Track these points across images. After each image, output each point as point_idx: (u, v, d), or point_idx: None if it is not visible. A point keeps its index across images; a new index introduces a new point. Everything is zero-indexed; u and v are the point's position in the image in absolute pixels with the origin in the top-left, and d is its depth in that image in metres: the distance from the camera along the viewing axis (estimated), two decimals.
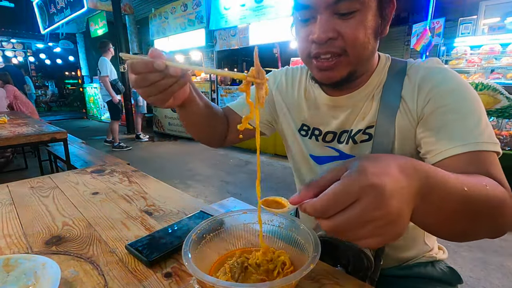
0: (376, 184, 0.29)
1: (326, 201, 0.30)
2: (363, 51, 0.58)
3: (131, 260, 0.53)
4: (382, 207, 0.29)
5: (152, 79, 0.48)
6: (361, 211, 0.29)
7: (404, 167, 0.32)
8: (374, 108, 0.65)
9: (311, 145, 0.75)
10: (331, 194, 0.30)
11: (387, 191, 0.29)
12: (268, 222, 0.54)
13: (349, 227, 0.30)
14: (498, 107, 2.45)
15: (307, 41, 0.59)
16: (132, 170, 1.05)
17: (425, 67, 0.62)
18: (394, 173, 0.30)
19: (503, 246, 1.99)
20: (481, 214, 0.41)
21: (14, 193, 0.84)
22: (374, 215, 0.29)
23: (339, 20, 0.55)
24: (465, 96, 0.56)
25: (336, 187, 0.30)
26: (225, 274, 0.46)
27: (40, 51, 12.92)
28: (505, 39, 3.56)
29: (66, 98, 13.25)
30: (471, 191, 0.38)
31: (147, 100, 0.53)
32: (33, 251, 0.56)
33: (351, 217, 0.29)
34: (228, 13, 5.03)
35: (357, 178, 0.29)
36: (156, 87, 0.49)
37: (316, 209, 0.31)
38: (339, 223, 0.30)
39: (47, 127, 2.24)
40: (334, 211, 0.30)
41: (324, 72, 0.60)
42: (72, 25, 8.62)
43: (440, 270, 0.71)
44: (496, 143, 0.52)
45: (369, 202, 0.29)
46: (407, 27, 4.86)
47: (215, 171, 3.78)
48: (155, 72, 0.46)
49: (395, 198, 0.29)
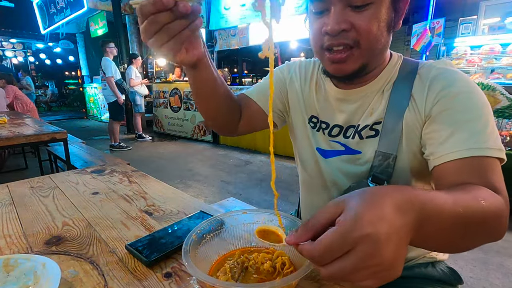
0: (371, 234, 0.29)
1: (322, 250, 0.31)
2: (376, 43, 0.58)
3: (131, 260, 0.53)
4: (378, 256, 0.29)
5: (162, 21, 0.45)
6: (356, 260, 0.29)
7: (400, 204, 0.32)
8: (383, 104, 0.65)
9: (318, 138, 0.75)
10: (327, 243, 0.31)
11: (383, 239, 0.29)
12: (268, 222, 0.54)
13: (345, 274, 0.31)
14: (498, 107, 2.45)
15: (320, 33, 0.59)
16: (132, 170, 1.05)
17: (437, 68, 0.62)
18: (389, 216, 0.31)
19: (504, 246, 1.99)
20: (478, 230, 0.42)
21: (14, 193, 0.84)
22: (370, 263, 0.29)
23: (353, 12, 0.55)
24: (474, 100, 0.56)
25: (332, 236, 0.30)
26: (225, 274, 0.45)
27: (40, 51, 12.93)
28: (505, 39, 3.56)
29: (66, 98, 13.25)
30: (466, 211, 0.39)
31: (159, 52, 0.49)
32: (33, 251, 0.56)
33: (347, 266, 0.30)
34: (228, 13, 5.04)
35: (353, 227, 0.29)
36: (167, 32, 0.46)
37: (314, 257, 0.32)
38: (335, 271, 0.31)
39: (47, 127, 2.24)
40: (330, 259, 0.31)
41: (336, 65, 0.61)
42: (72, 25, 8.61)
43: (440, 270, 0.71)
44: (501, 150, 0.52)
45: (365, 252, 0.29)
46: (407, 27, 4.87)
47: (215, 171, 3.78)
48: (165, 11, 0.44)
49: (390, 243, 0.30)
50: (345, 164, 0.70)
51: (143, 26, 0.46)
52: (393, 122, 0.62)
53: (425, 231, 0.35)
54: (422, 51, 3.54)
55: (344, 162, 0.71)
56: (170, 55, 0.50)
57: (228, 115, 0.77)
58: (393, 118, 0.62)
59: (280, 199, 2.84)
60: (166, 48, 0.48)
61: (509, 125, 2.72)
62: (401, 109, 0.62)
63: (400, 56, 0.69)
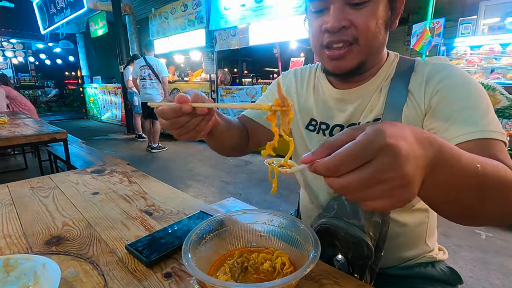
0: (393, 145, 0.28)
1: (340, 159, 0.30)
2: (374, 40, 0.60)
3: (131, 260, 0.53)
4: (398, 169, 0.28)
5: (182, 122, 0.53)
6: (375, 170, 0.29)
7: (420, 138, 0.32)
8: (381, 101, 0.66)
9: (317, 141, 0.75)
10: (346, 152, 0.29)
11: (403, 154, 0.28)
12: (268, 222, 0.54)
13: (360, 186, 0.29)
14: (498, 107, 2.45)
15: (320, 32, 0.61)
16: (132, 170, 1.05)
17: (433, 63, 0.64)
18: (410, 139, 0.30)
19: (504, 246, 1.99)
20: (494, 196, 0.40)
21: (14, 193, 0.84)
22: (388, 175, 0.29)
23: (352, 10, 0.58)
24: (473, 90, 0.57)
25: (352, 146, 0.29)
26: (225, 274, 0.46)
27: (40, 51, 12.93)
28: (505, 39, 3.55)
29: (66, 98, 13.25)
30: (483, 168, 0.37)
31: (180, 139, 0.58)
32: (33, 251, 0.56)
33: (365, 176, 0.29)
34: (228, 13, 5.04)
35: (374, 137, 0.29)
36: (186, 128, 0.54)
37: (329, 167, 0.30)
38: (351, 181, 0.29)
39: (47, 127, 2.24)
40: (347, 170, 0.30)
41: (335, 62, 0.62)
42: (72, 25, 8.62)
43: (440, 270, 0.71)
44: (502, 133, 0.53)
45: (385, 162, 0.28)
46: (407, 27, 4.87)
47: (215, 171, 3.78)
48: (184, 115, 0.52)
49: (409, 162, 0.29)
50: None
51: (164, 124, 0.54)
52: (392, 118, 0.63)
53: (439, 177, 0.34)
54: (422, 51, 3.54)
55: None
56: (190, 139, 0.58)
57: (240, 144, 0.81)
58: (392, 114, 0.63)
59: (280, 199, 2.84)
60: (187, 137, 0.56)
61: (509, 125, 2.72)
62: (399, 105, 0.63)
63: (396, 54, 0.71)
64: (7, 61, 11.83)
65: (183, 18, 5.92)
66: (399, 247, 0.71)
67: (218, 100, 5.33)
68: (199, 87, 5.78)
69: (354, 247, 0.58)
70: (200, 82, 5.91)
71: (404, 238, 0.70)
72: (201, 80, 6.04)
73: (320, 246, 0.43)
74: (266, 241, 0.55)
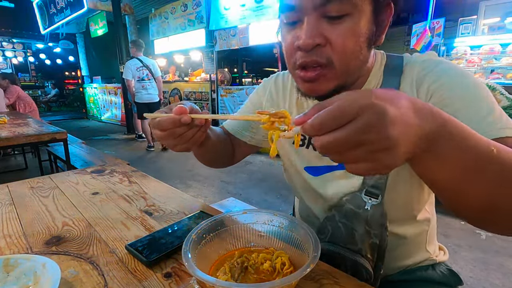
0: (377, 105, 0.27)
1: (323, 117, 0.29)
2: (352, 61, 0.52)
3: (131, 260, 0.53)
4: (380, 130, 0.27)
5: (179, 133, 0.52)
6: (356, 129, 0.28)
7: (420, 108, 0.30)
8: None
9: (307, 156, 0.70)
10: (329, 110, 0.29)
11: (389, 116, 0.27)
12: (268, 222, 0.54)
13: (341, 146, 0.29)
14: None
15: (292, 48, 0.53)
16: (132, 170, 1.05)
17: (421, 62, 0.58)
18: (404, 106, 0.29)
19: (504, 246, 1.99)
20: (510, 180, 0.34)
21: (14, 193, 0.84)
22: (370, 136, 0.28)
23: (328, 24, 0.49)
24: (469, 83, 0.52)
25: (335, 104, 0.29)
26: (225, 274, 0.46)
27: (40, 51, 12.92)
28: (505, 39, 3.56)
29: (66, 98, 13.25)
30: (499, 152, 0.33)
31: (174, 150, 0.57)
32: (33, 251, 0.56)
33: (344, 134, 0.28)
34: (228, 13, 5.03)
35: (360, 97, 0.28)
36: (182, 139, 0.54)
37: (313, 126, 0.30)
38: (332, 140, 0.29)
39: (47, 127, 2.24)
40: (330, 128, 0.29)
41: (308, 84, 0.54)
42: (72, 25, 8.61)
43: (440, 272, 0.71)
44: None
45: (366, 122, 0.27)
46: (407, 27, 4.86)
47: (215, 171, 3.78)
48: (182, 126, 0.51)
49: (395, 126, 0.28)
50: (336, 179, 0.66)
51: (160, 135, 0.53)
52: None
53: (440, 153, 0.31)
54: (422, 51, 3.54)
55: (336, 177, 0.66)
56: (182, 151, 0.58)
57: (224, 155, 0.80)
58: None
59: (280, 199, 2.84)
60: (180, 148, 0.56)
61: None
62: None
63: (383, 55, 0.63)
64: (7, 61, 11.82)
65: (183, 18, 5.92)
66: (399, 257, 0.69)
67: (218, 100, 5.33)
68: (200, 87, 5.78)
69: (352, 273, 0.54)
70: (200, 82, 5.91)
71: (404, 249, 0.68)
72: (201, 80, 6.04)
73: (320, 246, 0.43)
74: (266, 241, 0.55)
